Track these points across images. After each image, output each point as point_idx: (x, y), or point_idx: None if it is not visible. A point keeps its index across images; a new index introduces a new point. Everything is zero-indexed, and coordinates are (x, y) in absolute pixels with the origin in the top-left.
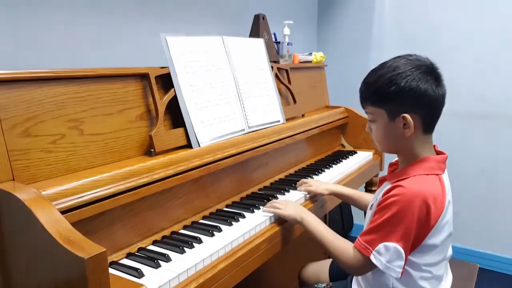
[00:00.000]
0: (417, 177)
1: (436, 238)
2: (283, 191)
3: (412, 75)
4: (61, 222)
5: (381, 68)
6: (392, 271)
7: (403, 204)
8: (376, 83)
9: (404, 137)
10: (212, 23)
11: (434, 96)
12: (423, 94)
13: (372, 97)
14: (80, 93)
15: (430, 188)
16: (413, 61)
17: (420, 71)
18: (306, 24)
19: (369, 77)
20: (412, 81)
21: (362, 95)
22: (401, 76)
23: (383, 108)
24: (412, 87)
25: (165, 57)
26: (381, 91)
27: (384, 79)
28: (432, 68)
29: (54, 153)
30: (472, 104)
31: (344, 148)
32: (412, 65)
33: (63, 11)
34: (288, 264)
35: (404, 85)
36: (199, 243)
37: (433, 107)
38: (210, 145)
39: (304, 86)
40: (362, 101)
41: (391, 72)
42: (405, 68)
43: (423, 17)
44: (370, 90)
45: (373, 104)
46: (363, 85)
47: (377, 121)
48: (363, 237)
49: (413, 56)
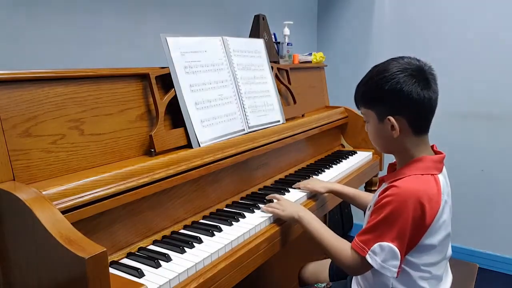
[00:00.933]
0: (411, 177)
1: (434, 238)
2: (283, 191)
3: (396, 78)
4: (61, 222)
5: (372, 71)
6: (388, 271)
7: (397, 204)
8: (365, 86)
9: (393, 138)
10: (212, 23)
11: (419, 99)
12: (406, 96)
13: (362, 99)
14: (80, 93)
15: (424, 188)
16: (401, 64)
17: (405, 74)
18: (306, 24)
19: (362, 79)
20: (396, 84)
21: (355, 96)
22: (386, 79)
23: (372, 109)
24: (396, 90)
25: (165, 57)
26: (368, 93)
27: (372, 81)
28: (421, 70)
29: (55, 153)
30: (472, 104)
31: (344, 148)
32: (398, 68)
33: (63, 11)
34: (288, 264)
35: (388, 88)
36: (199, 243)
37: (419, 110)
38: (210, 145)
39: (304, 86)
40: (355, 102)
41: (378, 75)
42: (392, 70)
43: (423, 17)
44: (360, 92)
45: (364, 105)
46: (358, 87)
47: (369, 122)
48: (359, 237)
49: (405, 59)
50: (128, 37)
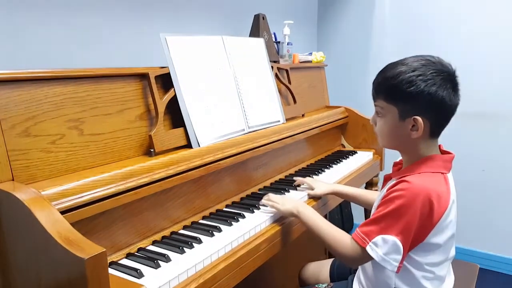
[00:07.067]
0: (422, 174)
1: (440, 237)
2: (283, 191)
3: (433, 80)
4: (60, 222)
5: (402, 64)
6: (388, 264)
7: (407, 198)
8: (394, 80)
9: (409, 138)
10: (212, 23)
11: (450, 105)
12: (440, 100)
13: (386, 93)
14: (79, 93)
15: (434, 186)
16: (435, 64)
17: (442, 77)
18: (306, 24)
19: (387, 71)
20: (432, 86)
21: (376, 88)
22: (422, 79)
23: (395, 105)
24: (431, 92)
25: (165, 56)
26: (398, 89)
27: (403, 77)
28: (453, 75)
29: (54, 153)
30: (473, 104)
31: (344, 148)
32: (434, 69)
33: (63, 11)
34: (288, 264)
35: (424, 88)
36: (199, 243)
37: (446, 115)
38: (210, 145)
39: (304, 86)
40: (374, 93)
41: (411, 71)
42: (427, 71)
43: (423, 17)
44: (386, 85)
45: (385, 99)
46: (380, 78)
47: (385, 117)
48: (361, 228)
49: (436, 59)
50: (128, 36)
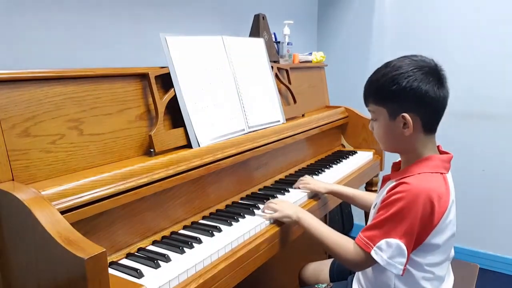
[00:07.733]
0: (422, 175)
1: (439, 237)
2: (283, 191)
3: (414, 76)
4: (60, 222)
5: (385, 67)
6: (393, 268)
7: (407, 200)
8: (379, 82)
9: (404, 137)
10: (212, 23)
11: (435, 98)
12: (423, 94)
13: (374, 96)
14: (79, 93)
15: (434, 186)
16: (417, 61)
17: (422, 72)
18: (306, 24)
19: (373, 75)
20: (414, 81)
21: (365, 93)
22: (403, 76)
23: (384, 106)
24: (413, 87)
25: (165, 56)
26: (383, 89)
27: (386, 78)
28: (435, 69)
29: (54, 153)
30: (473, 104)
31: (344, 148)
32: (415, 66)
33: (63, 11)
34: (288, 265)
35: (405, 85)
36: (199, 243)
37: (434, 108)
38: (210, 145)
39: (304, 86)
40: (364, 99)
41: (394, 71)
42: (408, 68)
43: (423, 17)
44: (372, 88)
45: (375, 102)
46: (367, 83)
47: (378, 120)
48: (364, 233)
49: (418, 57)
50: (128, 36)
